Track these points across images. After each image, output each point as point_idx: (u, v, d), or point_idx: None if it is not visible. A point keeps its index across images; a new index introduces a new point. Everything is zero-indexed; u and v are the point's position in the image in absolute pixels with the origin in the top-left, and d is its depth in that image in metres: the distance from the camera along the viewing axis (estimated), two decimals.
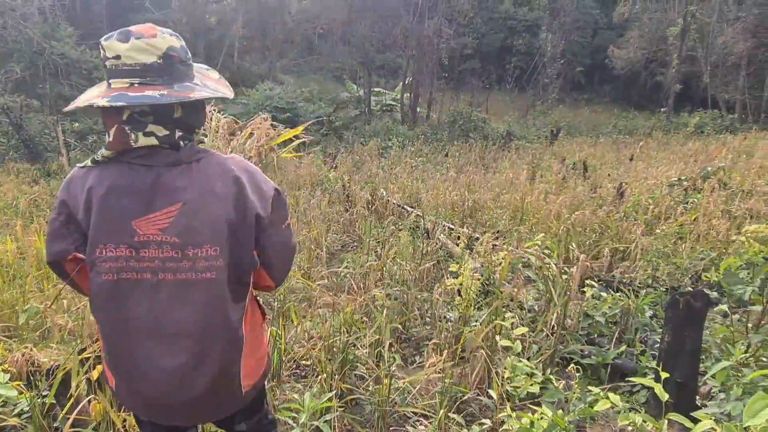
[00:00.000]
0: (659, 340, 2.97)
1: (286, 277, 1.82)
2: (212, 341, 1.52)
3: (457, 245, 6.82)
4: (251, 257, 1.56)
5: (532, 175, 11.51)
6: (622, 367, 3.40)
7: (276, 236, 1.62)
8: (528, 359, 3.52)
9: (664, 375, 2.14)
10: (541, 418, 2.11)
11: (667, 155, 13.68)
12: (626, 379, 2.74)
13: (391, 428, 2.76)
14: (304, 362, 3.05)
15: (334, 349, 3.10)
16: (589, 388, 2.08)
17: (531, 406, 2.52)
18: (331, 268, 5.62)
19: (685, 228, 5.58)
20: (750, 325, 2.77)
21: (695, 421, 1.77)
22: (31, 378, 2.38)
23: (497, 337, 3.15)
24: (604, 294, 4.06)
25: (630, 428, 1.97)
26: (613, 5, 32.28)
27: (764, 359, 2.59)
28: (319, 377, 2.76)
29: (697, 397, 2.66)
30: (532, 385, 2.86)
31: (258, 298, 1.82)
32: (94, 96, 1.42)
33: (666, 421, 2.03)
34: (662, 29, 28.43)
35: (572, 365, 2.80)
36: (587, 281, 4.27)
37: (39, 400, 2.25)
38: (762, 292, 2.60)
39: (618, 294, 3.86)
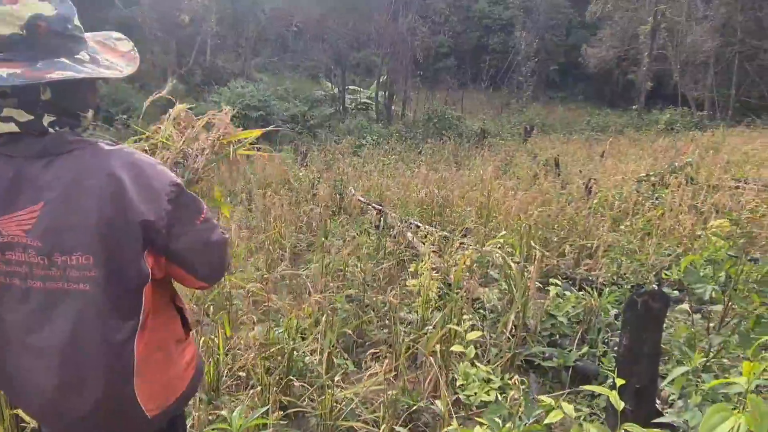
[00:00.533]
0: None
1: (221, 275, 1.59)
2: (88, 362, 1.30)
3: (424, 243, 6.69)
4: (138, 269, 1.31)
5: (504, 172, 11.45)
6: (584, 369, 3.26)
7: (190, 236, 1.39)
8: (488, 362, 3.37)
9: (620, 382, 1.99)
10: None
11: (637, 151, 13.76)
12: (580, 387, 2.59)
13: None
14: (241, 373, 2.84)
15: (279, 358, 2.89)
16: (541, 398, 1.91)
17: (482, 418, 2.36)
18: (297, 269, 5.42)
19: (651, 223, 5.51)
20: (712, 324, 2.66)
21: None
22: None
23: (454, 343, 2.98)
24: (568, 293, 3.93)
25: None
26: (586, 4, 32.56)
27: (726, 360, 2.48)
28: (254, 390, 2.55)
29: (658, 402, 2.52)
30: (487, 392, 2.70)
31: (182, 307, 1.60)
32: None
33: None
34: (633, 28, 28.79)
35: (531, 372, 2.65)
36: (551, 280, 4.14)
37: None
38: (724, 291, 2.49)
39: (581, 293, 3.74)
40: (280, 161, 12.50)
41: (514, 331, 3.44)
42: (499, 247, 4.11)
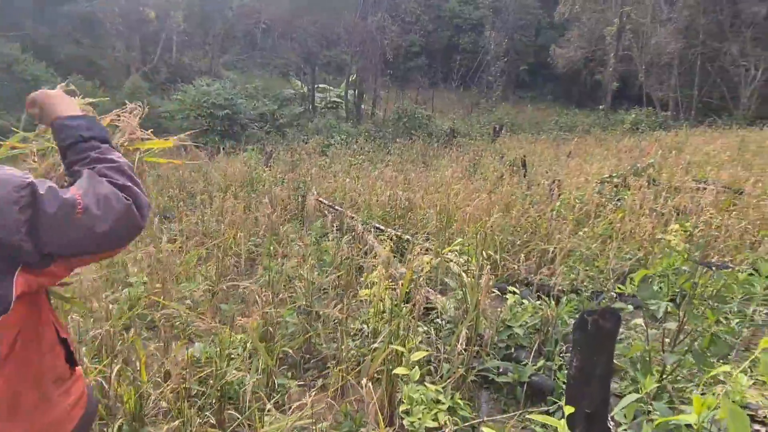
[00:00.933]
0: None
1: (129, 238, 1.31)
2: None
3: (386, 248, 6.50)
4: None
5: (471, 173, 11.35)
6: (540, 384, 3.12)
7: (70, 235, 1.13)
8: (441, 377, 3.20)
9: (569, 410, 1.83)
10: None
11: (602, 151, 13.86)
12: (530, 414, 2.43)
13: None
14: (162, 403, 2.59)
15: (212, 381, 2.66)
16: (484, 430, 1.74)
17: None
18: (250, 277, 5.16)
19: (612, 227, 5.43)
20: (667, 339, 2.53)
21: None
22: None
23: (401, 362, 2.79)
24: (526, 301, 3.79)
25: None
26: (555, 5, 32.89)
27: (680, 377, 2.36)
28: (180, 419, 2.31)
29: (612, 424, 2.38)
30: (435, 415, 2.52)
31: (66, 338, 1.37)
32: None
33: None
34: (600, 29, 29.19)
35: (485, 389, 2.48)
36: (510, 288, 3.99)
37: None
38: (679, 306, 2.36)
39: (539, 302, 3.60)
40: (244, 162, 12.17)
41: (468, 343, 3.28)
42: (458, 253, 3.94)
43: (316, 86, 27.42)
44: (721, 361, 2.44)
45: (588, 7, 30.96)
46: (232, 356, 2.86)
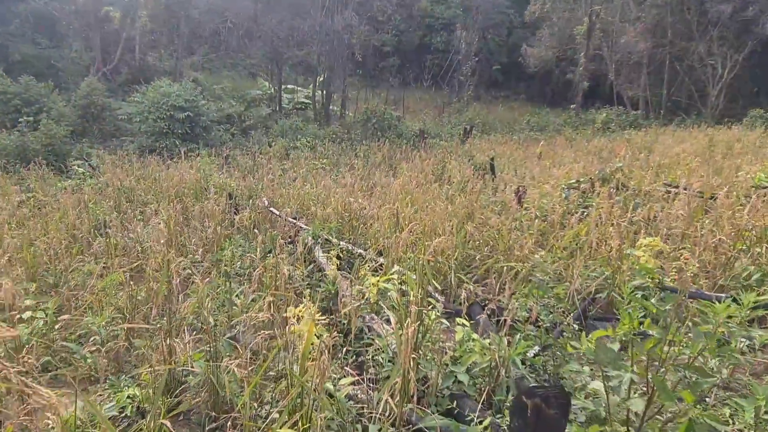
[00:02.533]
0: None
1: None
2: None
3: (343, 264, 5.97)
4: None
5: (439, 176, 10.88)
6: None
7: None
8: None
9: None
10: None
11: (573, 152, 13.54)
12: None
13: None
14: None
15: None
16: None
17: None
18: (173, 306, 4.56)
19: (577, 240, 4.99)
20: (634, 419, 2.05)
21: None
22: None
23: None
24: (475, 336, 3.29)
25: None
26: (525, 4, 32.77)
27: None
28: None
29: None
30: None
31: None
32: None
33: None
34: (570, 28, 29.13)
35: None
36: (458, 320, 3.49)
37: None
38: (647, 378, 1.86)
39: (488, 341, 3.10)
40: (197, 168, 11.46)
41: (403, 393, 2.76)
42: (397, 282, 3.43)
43: (284, 87, 26.71)
44: None
45: (558, 6, 30.91)
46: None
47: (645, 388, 1.89)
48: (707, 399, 3.04)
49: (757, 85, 26.60)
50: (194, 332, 3.56)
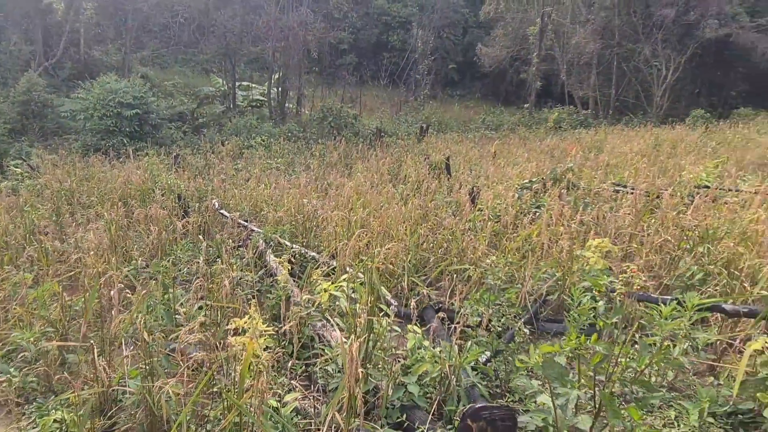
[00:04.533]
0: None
1: None
2: None
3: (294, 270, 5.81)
4: None
5: (394, 176, 10.83)
6: None
7: None
8: None
9: None
10: None
11: (526, 151, 13.76)
12: None
13: None
14: None
15: None
16: None
17: None
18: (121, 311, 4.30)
19: (529, 242, 5.02)
20: None
21: None
22: None
23: None
24: (427, 343, 3.23)
25: None
26: (480, 4, 33.19)
27: None
28: None
29: None
30: None
31: None
32: None
33: None
34: (524, 29, 29.69)
35: None
36: (409, 326, 3.43)
37: None
38: (594, 395, 1.84)
39: (438, 350, 3.04)
40: (144, 168, 11.00)
41: (352, 406, 2.66)
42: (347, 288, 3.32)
43: (238, 84, 26.09)
44: None
45: (512, 6, 31.43)
46: None
47: (593, 403, 1.87)
48: (653, 402, 3.09)
49: (698, 86, 27.86)
50: (132, 347, 3.36)
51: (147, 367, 2.76)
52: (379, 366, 3.10)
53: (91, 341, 3.03)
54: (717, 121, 20.05)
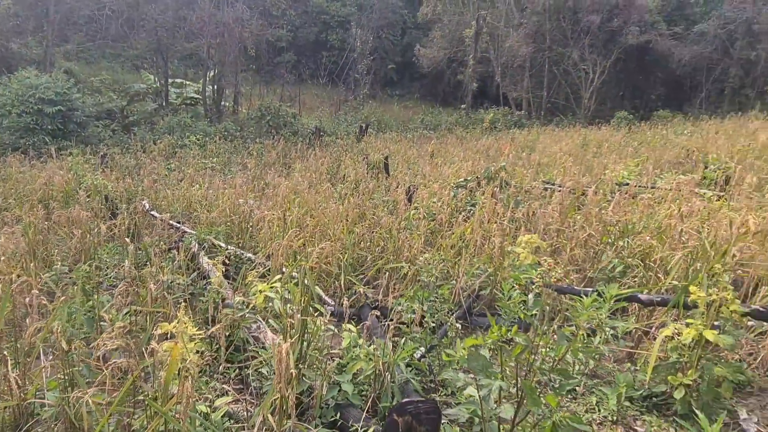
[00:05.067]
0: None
1: None
2: None
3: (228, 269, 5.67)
4: None
5: (333, 175, 10.79)
6: None
7: None
8: None
9: None
10: None
11: (462, 150, 14.09)
12: None
13: None
14: None
15: None
16: None
17: None
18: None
19: (463, 239, 5.15)
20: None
21: None
22: None
23: None
24: (361, 341, 3.25)
25: None
26: (419, 5, 33.64)
27: None
28: None
29: None
30: None
31: None
32: None
33: None
34: (460, 31, 30.37)
35: None
36: (344, 325, 3.43)
37: None
38: (516, 383, 1.91)
39: (373, 347, 3.07)
40: (68, 168, 10.39)
41: (284, 407, 2.63)
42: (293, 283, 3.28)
43: (171, 81, 25.14)
44: None
45: (448, 9, 32.08)
46: None
47: (516, 392, 1.95)
48: (576, 389, 3.26)
49: (622, 89, 29.52)
50: (51, 357, 3.17)
51: (66, 378, 2.62)
52: (314, 366, 3.09)
53: (4, 352, 2.84)
54: (639, 123, 21.29)
